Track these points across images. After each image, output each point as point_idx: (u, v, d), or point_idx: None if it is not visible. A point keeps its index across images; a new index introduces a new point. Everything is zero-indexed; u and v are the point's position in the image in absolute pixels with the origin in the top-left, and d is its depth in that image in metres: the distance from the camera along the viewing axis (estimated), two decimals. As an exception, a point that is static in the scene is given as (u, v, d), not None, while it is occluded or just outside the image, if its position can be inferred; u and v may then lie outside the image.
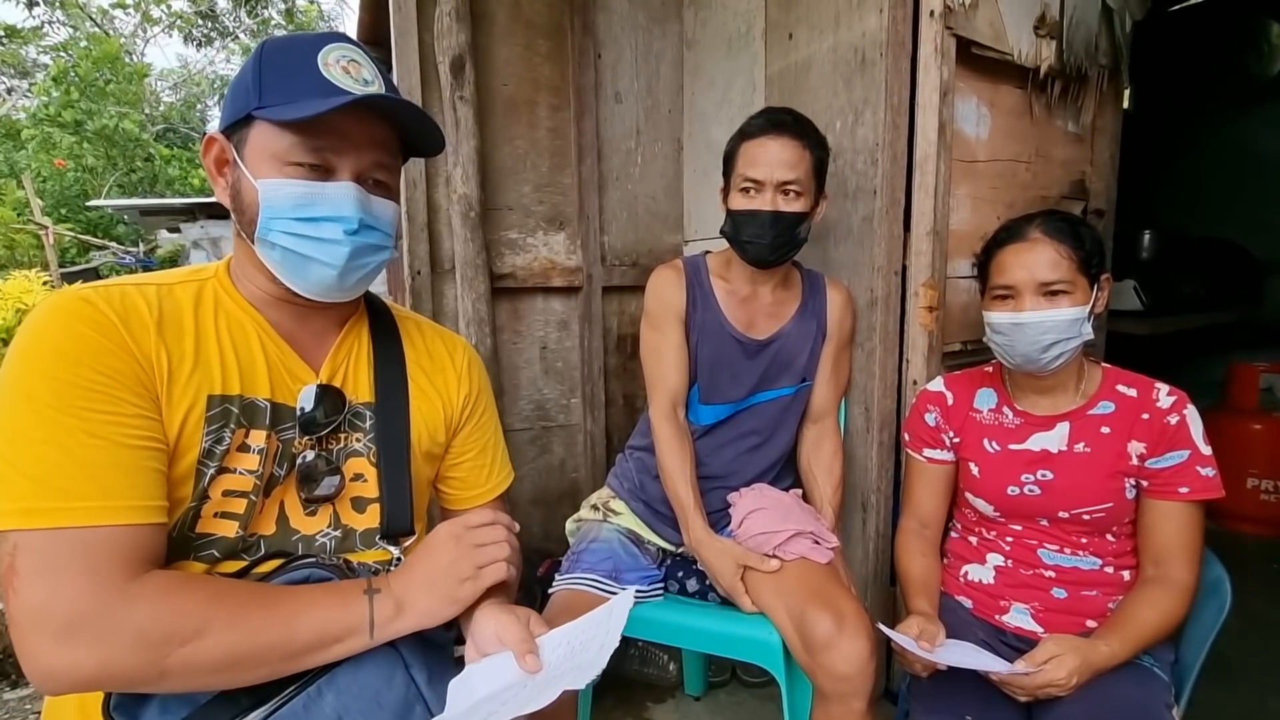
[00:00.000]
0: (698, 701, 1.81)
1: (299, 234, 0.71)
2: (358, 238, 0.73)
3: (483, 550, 0.76)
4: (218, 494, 0.71)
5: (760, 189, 1.26)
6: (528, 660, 0.70)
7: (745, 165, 1.28)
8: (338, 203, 0.72)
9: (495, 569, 0.76)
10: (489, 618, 0.74)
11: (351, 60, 0.72)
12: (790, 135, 1.25)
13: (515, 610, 0.76)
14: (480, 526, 0.78)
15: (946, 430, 1.22)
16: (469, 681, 0.70)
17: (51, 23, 12.65)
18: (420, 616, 0.72)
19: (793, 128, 1.26)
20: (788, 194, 1.27)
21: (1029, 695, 0.97)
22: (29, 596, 0.57)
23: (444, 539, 0.77)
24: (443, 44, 1.70)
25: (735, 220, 1.30)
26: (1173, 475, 1.03)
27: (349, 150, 0.72)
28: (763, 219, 1.26)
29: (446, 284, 1.82)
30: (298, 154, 0.70)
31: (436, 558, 0.75)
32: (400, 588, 0.72)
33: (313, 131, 0.70)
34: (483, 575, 0.75)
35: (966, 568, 1.21)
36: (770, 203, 1.26)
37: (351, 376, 0.84)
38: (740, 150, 1.29)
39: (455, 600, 0.74)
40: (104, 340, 0.64)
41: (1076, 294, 1.04)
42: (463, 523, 0.78)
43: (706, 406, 1.39)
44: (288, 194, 0.70)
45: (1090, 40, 1.65)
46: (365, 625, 0.69)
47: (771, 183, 1.25)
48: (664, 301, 1.37)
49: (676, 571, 1.38)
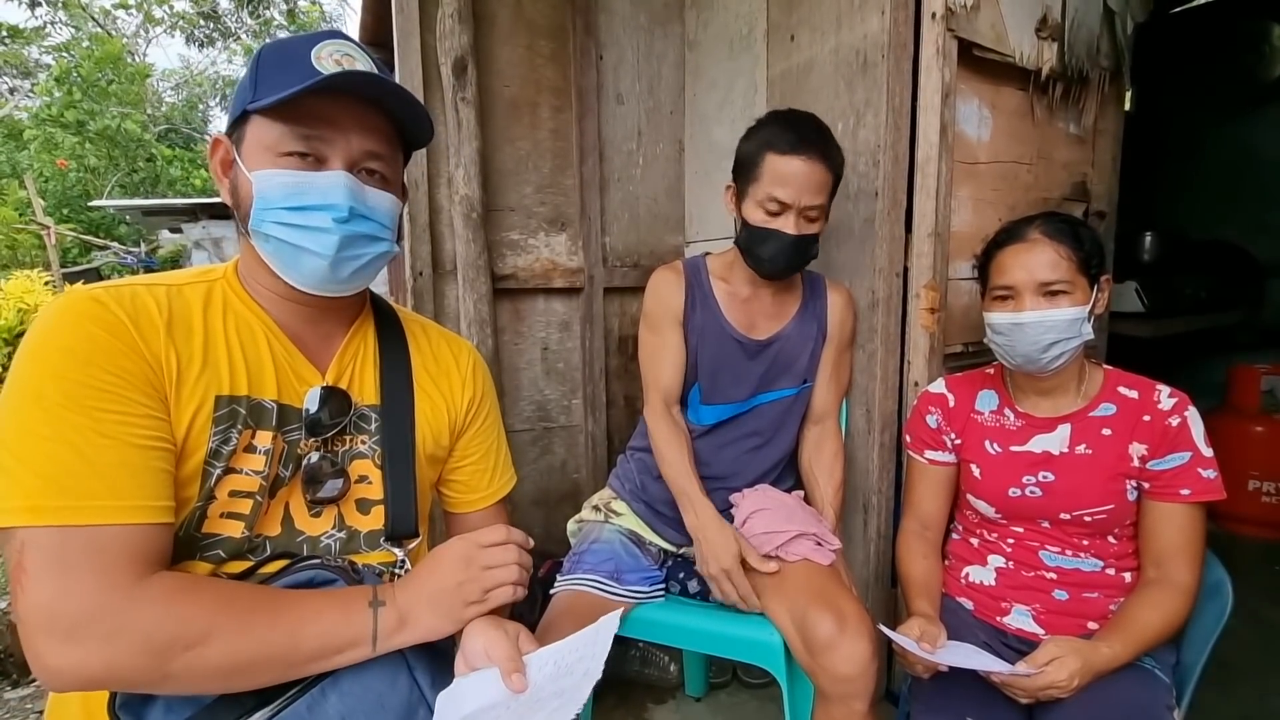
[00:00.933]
0: (699, 702, 1.81)
1: (289, 223, 0.71)
2: (348, 226, 0.73)
3: (492, 573, 0.75)
4: (224, 494, 0.71)
5: (785, 210, 1.23)
6: (514, 679, 0.69)
7: (772, 183, 1.22)
8: (327, 191, 0.72)
9: (502, 593, 0.75)
10: (479, 632, 0.74)
11: (345, 54, 0.72)
12: (819, 158, 1.22)
13: (505, 626, 0.75)
14: (492, 547, 0.77)
15: (948, 432, 1.22)
16: (457, 695, 0.70)
17: (54, 23, 12.67)
18: (423, 632, 0.72)
19: (821, 149, 1.22)
20: (811, 218, 1.25)
21: (1030, 697, 0.97)
22: (37, 594, 0.58)
23: (455, 558, 0.75)
24: (445, 45, 1.70)
25: (753, 234, 1.27)
26: (1174, 477, 1.03)
27: (339, 138, 0.72)
28: (785, 241, 1.24)
29: (448, 285, 1.83)
30: (288, 143, 0.70)
31: (445, 576, 0.74)
32: (405, 602, 0.72)
33: (302, 119, 0.70)
34: (490, 599, 0.75)
35: (968, 569, 1.21)
36: (794, 226, 1.23)
37: (357, 379, 0.84)
38: (765, 163, 1.23)
39: (459, 620, 0.74)
40: (114, 340, 0.64)
41: (1076, 294, 1.04)
42: (476, 541, 0.77)
43: (708, 407, 1.39)
44: (279, 184, 0.71)
45: (1092, 42, 1.65)
46: (369, 638, 0.69)
47: (797, 206, 1.22)
48: (662, 303, 1.38)
49: (678, 572, 1.39)
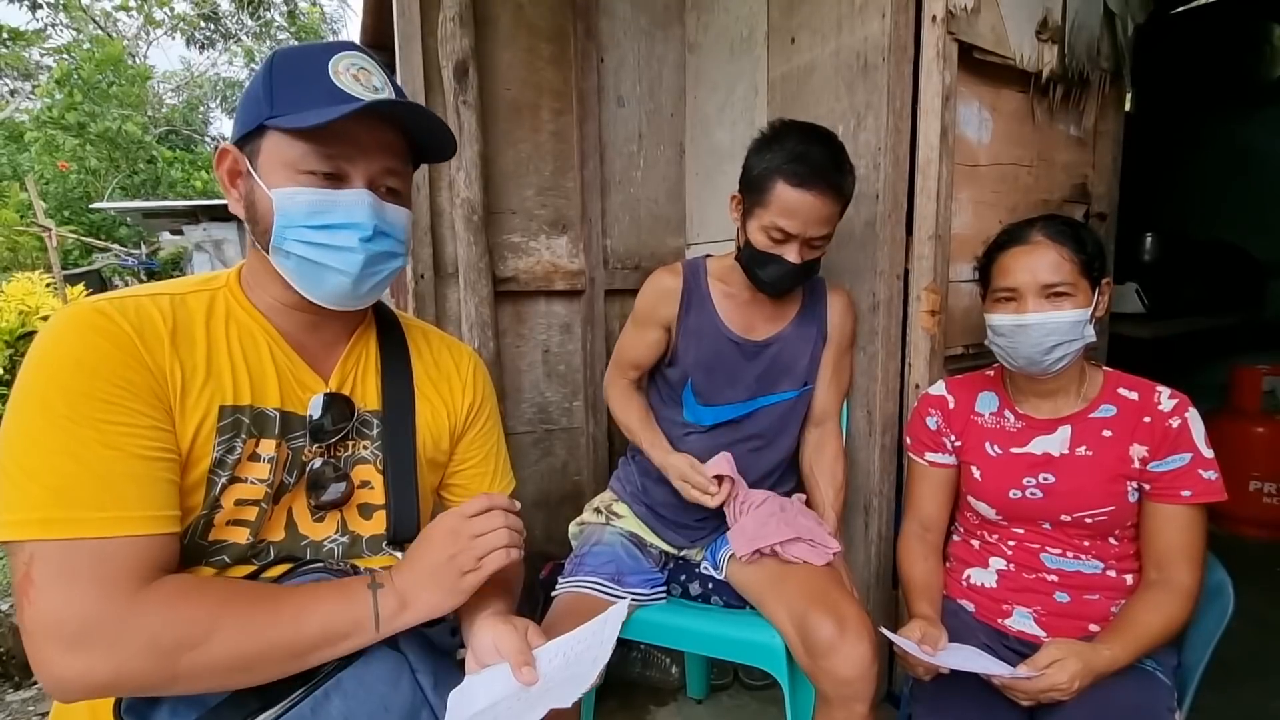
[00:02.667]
0: (700, 704, 1.81)
1: (314, 242, 0.72)
2: (372, 245, 0.74)
3: (482, 540, 0.75)
4: (230, 503, 0.72)
5: (789, 240, 1.21)
6: (524, 672, 0.70)
7: (779, 214, 1.19)
8: (352, 210, 0.72)
9: (496, 556, 0.75)
10: (488, 628, 0.74)
11: (361, 68, 0.73)
12: (831, 192, 1.18)
13: (514, 621, 0.76)
14: (477, 515, 0.77)
15: (948, 434, 1.22)
16: (468, 692, 0.71)
17: (55, 25, 12.70)
18: (425, 610, 0.72)
19: (835, 182, 1.19)
20: (815, 247, 1.24)
21: (1031, 699, 0.97)
22: (43, 606, 0.58)
23: (443, 533, 0.76)
24: (446, 49, 1.70)
25: (755, 256, 1.26)
26: (1175, 479, 1.03)
27: (361, 157, 0.73)
28: (786, 268, 1.23)
29: (450, 287, 1.83)
30: (311, 162, 0.70)
31: (437, 552, 0.74)
32: (403, 582, 0.72)
33: (326, 139, 0.70)
34: (485, 564, 0.75)
35: (969, 571, 1.21)
36: (797, 255, 1.22)
37: (360, 385, 0.85)
38: (775, 190, 1.19)
39: (459, 591, 0.74)
40: (119, 352, 0.65)
41: (1078, 296, 1.05)
42: (460, 513, 0.77)
43: (707, 408, 1.39)
44: (302, 202, 0.71)
45: (1092, 44, 1.65)
46: (370, 620, 0.69)
47: (803, 237, 1.21)
48: (651, 306, 1.39)
49: (679, 575, 1.39)
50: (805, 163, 1.17)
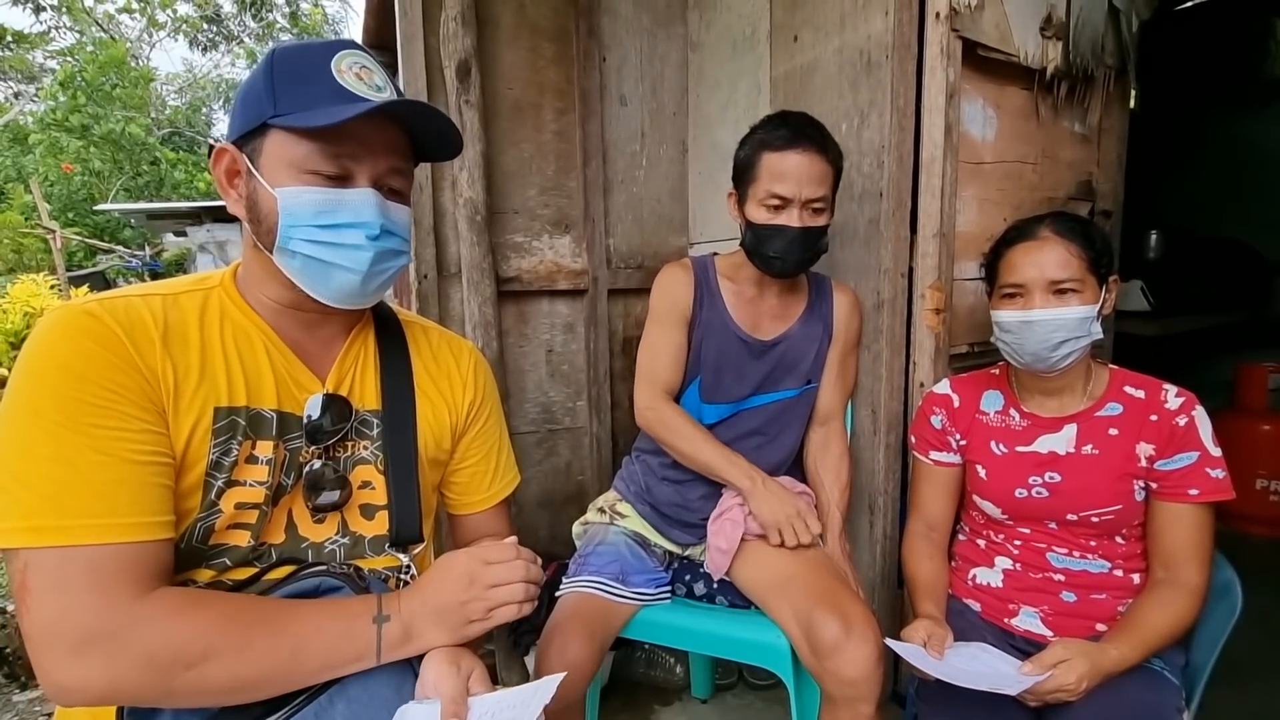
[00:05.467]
0: (704, 704, 1.81)
1: (321, 241, 0.71)
2: (379, 243, 0.74)
3: (497, 591, 0.75)
4: (230, 508, 0.71)
5: (787, 205, 1.23)
6: None
7: (771, 180, 1.23)
8: (358, 209, 0.72)
9: (507, 610, 0.75)
10: (434, 663, 0.72)
11: (364, 66, 0.73)
12: (816, 150, 1.22)
13: (461, 661, 0.73)
14: (498, 564, 0.76)
15: (953, 433, 1.21)
16: None
17: (58, 28, 12.74)
18: (426, 646, 0.73)
19: (817, 141, 1.23)
20: (816, 210, 1.25)
21: (1038, 700, 0.96)
22: (41, 613, 0.58)
23: (460, 575, 0.75)
24: (448, 48, 1.70)
25: (758, 234, 1.27)
26: (1182, 477, 1.03)
27: (368, 157, 0.72)
28: (791, 236, 1.23)
29: (453, 287, 1.83)
30: (316, 162, 0.70)
31: (450, 593, 0.74)
32: (409, 614, 0.72)
33: (333, 138, 0.70)
34: (494, 616, 0.75)
35: (975, 571, 1.20)
36: (798, 219, 1.23)
37: (358, 384, 0.84)
38: (762, 161, 1.24)
39: (463, 637, 0.74)
40: (109, 355, 0.64)
41: (1086, 293, 1.04)
42: (482, 558, 0.76)
43: (709, 406, 1.39)
44: (308, 201, 0.70)
45: (1097, 41, 1.65)
46: (372, 652, 0.69)
47: (799, 199, 1.22)
48: (670, 299, 1.37)
49: (684, 574, 1.39)
50: (784, 127, 1.24)
